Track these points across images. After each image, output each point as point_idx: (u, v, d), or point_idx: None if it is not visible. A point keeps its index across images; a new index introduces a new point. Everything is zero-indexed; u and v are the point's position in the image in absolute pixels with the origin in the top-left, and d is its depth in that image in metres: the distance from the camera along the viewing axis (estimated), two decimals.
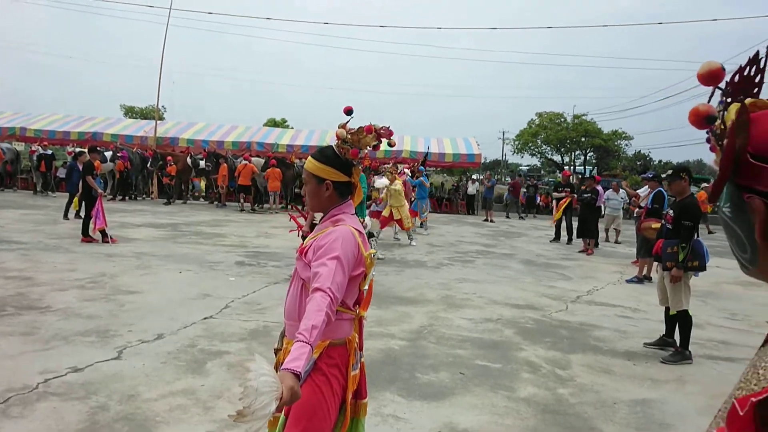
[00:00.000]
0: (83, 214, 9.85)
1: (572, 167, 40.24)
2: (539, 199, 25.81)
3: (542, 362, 4.81)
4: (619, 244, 14.47)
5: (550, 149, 41.74)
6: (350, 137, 2.09)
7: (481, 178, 23.23)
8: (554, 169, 45.73)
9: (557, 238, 14.20)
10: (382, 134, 2.13)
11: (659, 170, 29.92)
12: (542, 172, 49.75)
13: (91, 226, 9.49)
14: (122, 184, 18.67)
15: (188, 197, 20.74)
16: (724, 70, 0.84)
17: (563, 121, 40.46)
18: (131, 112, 43.78)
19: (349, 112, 2.21)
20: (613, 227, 14.66)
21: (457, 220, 20.13)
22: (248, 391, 1.41)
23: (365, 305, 2.15)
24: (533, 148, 41.71)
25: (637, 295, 7.97)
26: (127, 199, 18.77)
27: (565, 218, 13.84)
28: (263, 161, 18.29)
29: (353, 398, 2.07)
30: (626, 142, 40.73)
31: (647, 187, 9.65)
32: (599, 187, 12.88)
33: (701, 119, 0.84)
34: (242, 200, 18.25)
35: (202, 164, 19.04)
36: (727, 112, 0.79)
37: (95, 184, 9.70)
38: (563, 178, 15.45)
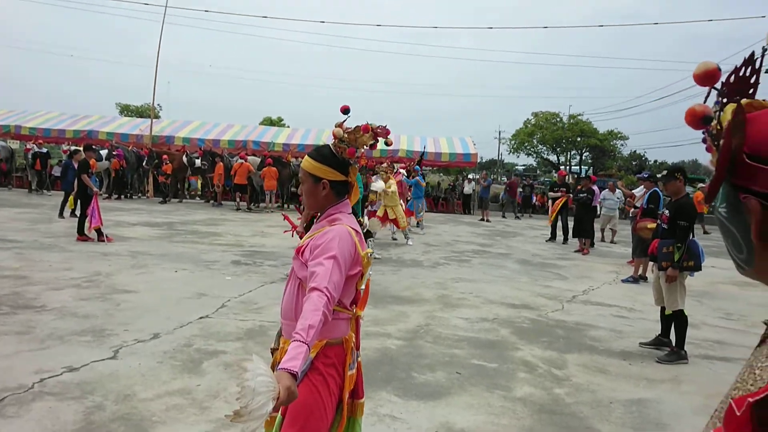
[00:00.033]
0: (78, 212, 9.82)
1: (568, 167, 40.37)
2: (535, 198, 25.85)
3: (538, 362, 4.81)
4: (614, 244, 14.52)
5: (546, 149, 41.86)
6: (347, 136, 2.09)
7: (477, 177, 23.26)
8: (550, 168, 45.84)
9: (553, 237, 14.23)
10: (378, 133, 2.13)
11: (655, 170, 30.02)
12: (538, 171, 49.88)
13: (86, 224, 9.45)
14: (118, 182, 18.58)
15: (184, 196, 20.69)
16: (720, 70, 0.84)
17: (559, 120, 40.60)
18: (127, 110, 43.62)
19: (345, 111, 2.20)
20: (609, 227, 14.72)
21: (453, 219, 20.14)
22: (245, 390, 1.40)
23: (362, 305, 2.15)
24: (529, 147, 41.78)
25: (632, 294, 7.99)
26: (122, 197, 18.69)
27: (561, 218, 13.89)
28: (259, 160, 18.27)
29: (350, 398, 2.06)
30: (622, 142, 40.98)
31: (643, 187, 9.69)
32: (595, 186, 12.89)
33: (697, 119, 0.84)
34: (238, 199, 18.19)
35: (198, 163, 18.97)
36: (723, 112, 0.79)
37: (90, 182, 9.68)
38: (559, 177, 15.50)
